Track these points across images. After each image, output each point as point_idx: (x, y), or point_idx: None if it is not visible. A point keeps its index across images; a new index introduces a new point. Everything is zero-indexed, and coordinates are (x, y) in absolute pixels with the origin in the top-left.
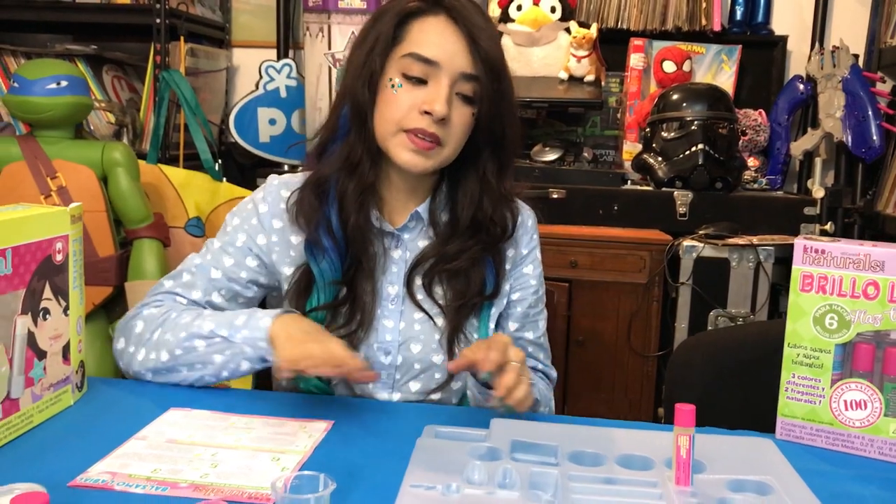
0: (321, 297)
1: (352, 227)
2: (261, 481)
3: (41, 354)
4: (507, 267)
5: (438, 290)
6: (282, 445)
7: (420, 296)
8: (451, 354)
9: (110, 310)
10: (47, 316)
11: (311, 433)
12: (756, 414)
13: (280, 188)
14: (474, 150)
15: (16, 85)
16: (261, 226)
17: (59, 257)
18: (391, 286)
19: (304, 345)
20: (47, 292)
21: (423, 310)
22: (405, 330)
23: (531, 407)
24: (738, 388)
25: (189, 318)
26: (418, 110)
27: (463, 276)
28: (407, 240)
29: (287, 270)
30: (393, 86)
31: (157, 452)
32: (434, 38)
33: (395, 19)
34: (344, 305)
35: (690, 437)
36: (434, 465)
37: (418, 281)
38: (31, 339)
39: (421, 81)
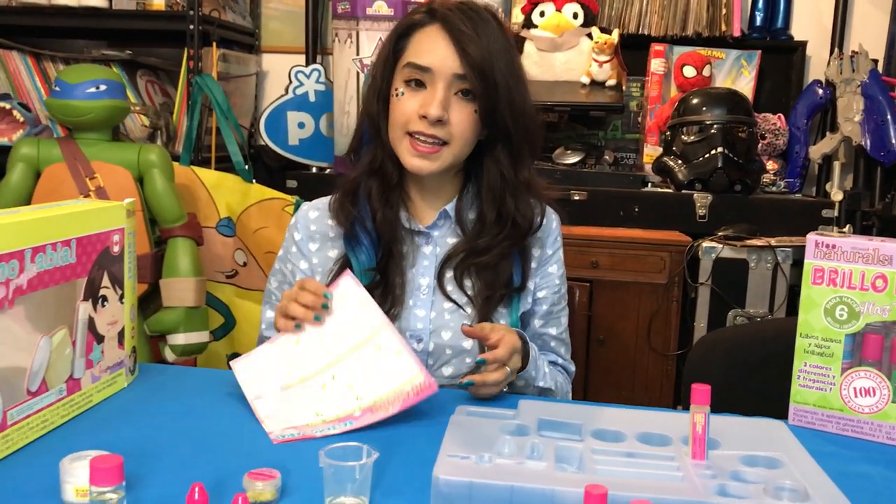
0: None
1: (380, 221)
2: (400, 377)
3: (100, 339)
4: (533, 266)
5: (468, 283)
6: (361, 333)
7: (450, 287)
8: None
9: (145, 306)
10: (105, 303)
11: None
12: (772, 406)
13: (308, 211)
14: (489, 146)
15: (57, 89)
16: (300, 253)
17: (116, 249)
18: (422, 278)
19: None
20: (105, 281)
21: (452, 300)
22: (436, 318)
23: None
24: (755, 382)
25: None
26: (417, 114)
27: (491, 270)
28: (437, 237)
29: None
30: (397, 94)
31: (291, 399)
32: (428, 46)
33: (396, 34)
34: (377, 291)
35: (706, 415)
36: (467, 439)
37: (449, 274)
38: (91, 324)
39: (420, 85)
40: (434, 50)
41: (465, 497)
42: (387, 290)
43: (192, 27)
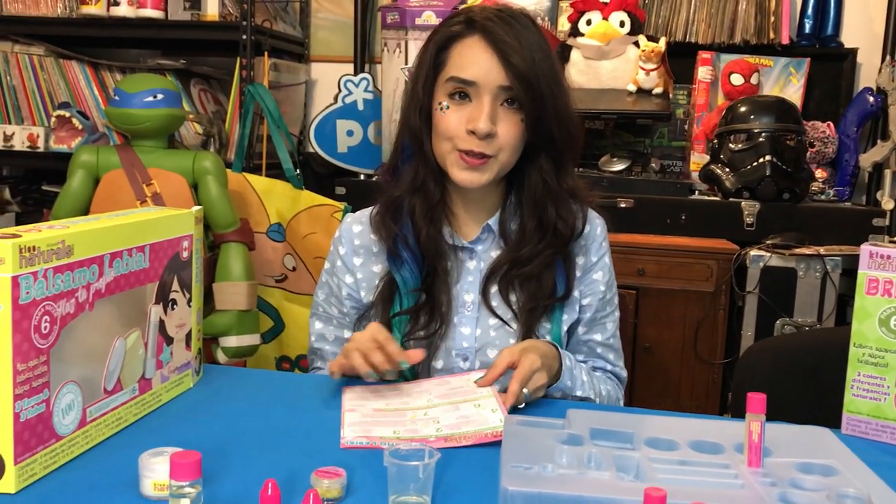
0: (403, 303)
1: (424, 239)
2: (485, 423)
3: (169, 340)
4: (578, 274)
5: (512, 297)
6: (467, 395)
7: (495, 302)
8: None
9: None
10: (175, 306)
11: (470, 377)
12: (820, 415)
13: (352, 225)
14: (532, 155)
15: (116, 98)
16: (345, 267)
17: (185, 254)
18: (467, 294)
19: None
20: (175, 285)
21: (497, 316)
22: (481, 336)
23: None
24: (803, 391)
25: None
26: (465, 129)
27: (535, 280)
28: (480, 251)
29: (368, 297)
30: (441, 108)
31: (378, 419)
32: (470, 59)
33: (435, 47)
34: (423, 310)
35: (762, 423)
36: (525, 449)
37: (493, 289)
38: (161, 327)
39: (465, 97)
40: (477, 62)
41: None
42: (433, 309)
43: (244, 37)
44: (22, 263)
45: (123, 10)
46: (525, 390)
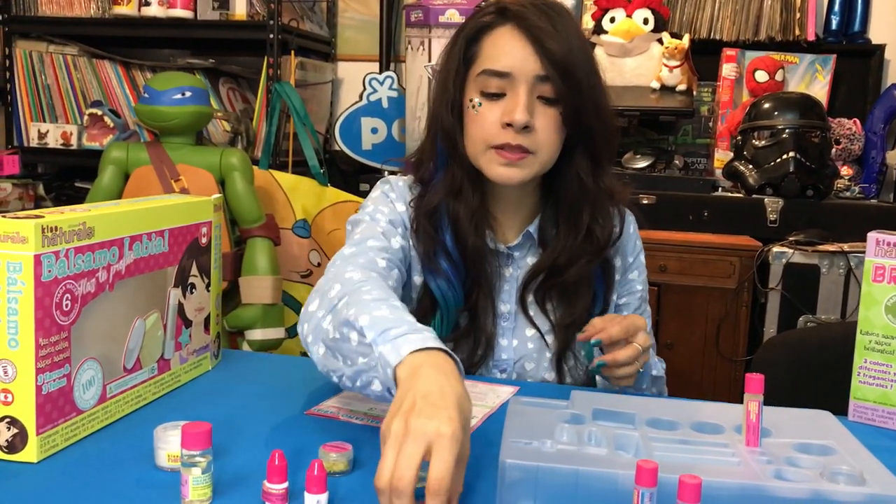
0: (444, 320)
1: (471, 249)
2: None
3: (188, 323)
4: (617, 277)
5: (549, 306)
6: (481, 399)
7: (532, 311)
8: (559, 373)
9: (225, 303)
10: (193, 290)
11: (499, 394)
12: (839, 406)
13: (405, 191)
14: (568, 152)
15: (146, 95)
16: (401, 220)
17: (203, 240)
18: (504, 305)
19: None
20: (194, 270)
21: (535, 326)
22: (518, 348)
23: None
24: (820, 382)
25: (370, 296)
26: (500, 124)
27: (573, 292)
28: (517, 257)
29: (417, 278)
30: (473, 106)
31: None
32: (503, 49)
33: (465, 40)
34: (467, 338)
35: (759, 403)
36: (526, 426)
37: (529, 298)
38: (180, 309)
39: (499, 96)
40: (511, 52)
41: (532, 480)
42: (477, 332)
43: (271, 37)
44: (44, 243)
45: (154, 10)
46: (637, 344)
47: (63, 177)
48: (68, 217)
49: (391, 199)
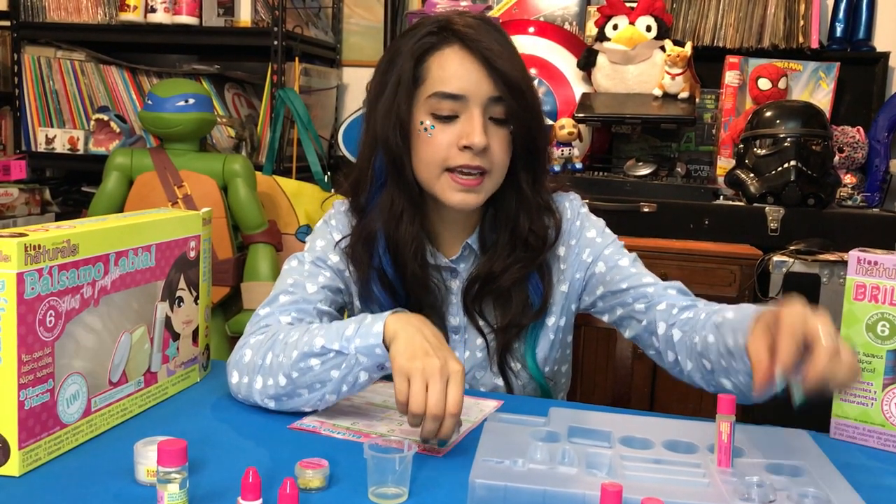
0: None
1: (411, 275)
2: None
3: (175, 336)
4: (563, 267)
5: (492, 313)
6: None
7: (480, 322)
8: (504, 377)
9: (227, 308)
10: (181, 304)
11: (482, 409)
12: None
13: (344, 219)
14: (511, 169)
15: (150, 102)
16: (337, 252)
17: (192, 254)
18: (454, 318)
19: (422, 362)
20: (182, 283)
21: (483, 335)
22: (469, 358)
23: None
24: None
25: (297, 335)
26: (457, 146)
27: (507, 296)
28: (461, 270)
29: (357, 302)
30: (426, 129)
31: (357, 411)
32: (454, 70)
33: (412, 59)
34: None
35: (731, 424)
36: (501, 445)
37: (476, 307)
38: (168, 323)
39: (452, 118)
40: (463, 74)
41: (501, 499)
42: None
43: (276, 43)
44: (27, 261)
45: (160, 16)
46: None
47: (70, 181)
48: (52, 235)
49: (329, 230)
